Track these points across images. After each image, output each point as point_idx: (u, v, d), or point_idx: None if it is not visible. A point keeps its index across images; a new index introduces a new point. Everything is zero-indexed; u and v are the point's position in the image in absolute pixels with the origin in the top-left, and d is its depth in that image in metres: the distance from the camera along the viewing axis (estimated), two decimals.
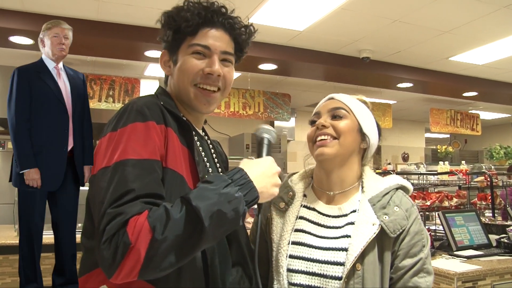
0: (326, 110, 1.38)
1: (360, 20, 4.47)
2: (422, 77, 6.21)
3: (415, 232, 1.24)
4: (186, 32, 1.18)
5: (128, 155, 0.98)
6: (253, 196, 1.00)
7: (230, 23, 1.21)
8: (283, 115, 6.68)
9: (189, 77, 1.17)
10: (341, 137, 1.31)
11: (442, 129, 7.96)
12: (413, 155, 10.08)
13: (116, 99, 5.56)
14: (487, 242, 3.00)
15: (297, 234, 1.32)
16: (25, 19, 4.21)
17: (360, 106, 1.40)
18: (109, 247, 0.87)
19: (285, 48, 5.30)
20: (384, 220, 1.22)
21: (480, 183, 3.86)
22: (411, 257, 1.22)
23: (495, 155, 7.87)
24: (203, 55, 1.17)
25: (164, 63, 1.25)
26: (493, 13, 4.17)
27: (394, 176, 1.40)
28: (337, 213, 1.33)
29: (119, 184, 0.94)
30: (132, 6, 4.14)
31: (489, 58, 5.65)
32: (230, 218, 0.93)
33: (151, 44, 4.73)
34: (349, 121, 1.34)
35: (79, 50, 4.91)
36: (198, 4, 1.20)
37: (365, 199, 1.30)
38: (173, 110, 1.13)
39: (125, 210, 0.90)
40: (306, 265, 1.25)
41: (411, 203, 1.30)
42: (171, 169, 1.04)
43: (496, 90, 6.91)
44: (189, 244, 0.90)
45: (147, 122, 1.03)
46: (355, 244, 1.20)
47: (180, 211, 0.90)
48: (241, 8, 1.25)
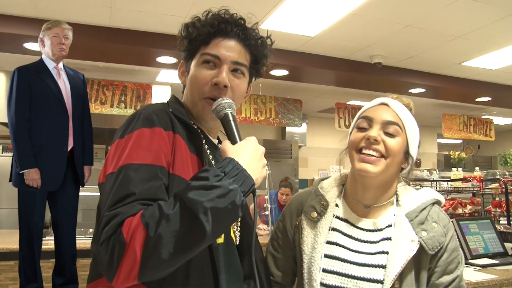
0: (380, 120, 1.27)
1: (371, 26, 4.45)
2: (435, 82, 6.17)
3: (452, 249, 1.22)
4: (198, 41, 1.17)
5: (132, 159, 0.97)
6: (249, 184, 0.96)
7: (244, 34, 1.19)
8: (294, 121, 6.67)
9: (198, 89, 1.16)
10: (389, 158, 1.23)
11: (454, 134, 7.89)
12: (426, 161, 9.99)
13: (128, 104, 5.59)
14: (503, 251, 2.95)
15: (330, 246, 1.27)
16: (39, 25, 4.24)
17: (412, 121, 1.31)
18: (107, 249, 0.86)
19: (296, 54, 5.30)
20: (422, 237, 1.19)
21: (494, 190, 3.81)
22: (448, 274, 1.21)
23: (510, 161, 7.77)
24: (214, 65, 1.16)
25: (182, 73, 1.26)
26: (506, 18, 4.13)
27: (429, 189, 1.35)
28: (372, 227, 1.28)
29: (119, 187, 0.93)
30: (144, 13, 4.17)
31: (503, 63, 5.60)
32: (227, 211, 0.90)
33: (163, 50, 4.76)
34: (401, 141, 1.26)
35: (92, 56, 4.97)
36: (215, 15, 1.18)
37: (401, 213, 1.26)
38: (183, 118, 1.12)
39: (122, 211, 0.89)
40: (341, 281, 1.21)
41: (447, 219, 1.27)
42: (178, 176, 1.03)
43: (510, 94, 6.84)
44: (188, 240, 0.87)
45: (153, 128, 1.02)
46: (394, 262, 1.17)
47: (173, 207, 0.87)
48: (253, 14, 1.24)
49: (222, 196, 0.89)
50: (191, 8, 3.97)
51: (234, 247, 1.19)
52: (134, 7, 4.06)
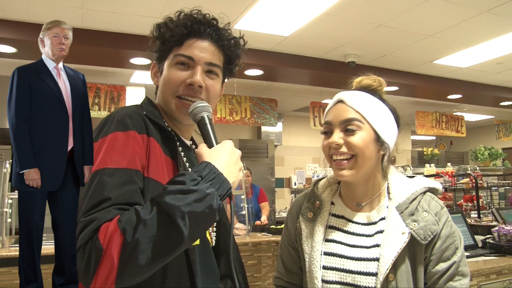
0: (338, 121, 1.26)
1: (345, 25, 4.50)
2: (408, 81, 6.27)
3: (447, 236, 1.21)
4: (171, 42, 1.16)
5: (106, 164, 0.96)
6: (226, 188, 0.96)
7: (218, 34, 1.18)
8: (270, 120, 6.69)
9: (171, 88, 1.15)
10: (358, 155, 1.22)
11: (427, 131, 8.04)
12: (400, 158, 10.15)
13: (102, 107, 5.52)
14: (473, 243, 3.03)
15: (328, 244, 1.29)
16: (8, 27, 4.17)
17: (375, 107, 1.28)
18: (83, 256, 0.85)
19: (271, 54, 5.32)
20: (413, 228, 1.19)
21: (465, 184, 3.90)
22: (444, 262, 1.19)
23: (480, 156, 7.94)
24: (187, 66, 1.16)
25: (154, 74, 1.24)
26: (475, 17, 4.24)
27: (420, 178, 1.34)
28: (366, 220, 1.29)
29: (94, 193, 0.92)
30: (117, 14, 4.13)
31: (473, 61, 5.74)
32: (204, 215, 0.90)
33: (137, 51, 4.72)
34: (364, 134, 1.23)
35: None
36: (187, 16, 1.18)
37: (392, 206, 1.26)
38: (156, 120, 1.11)
39: (98, 216, 0.88)
40: (340, 276, 1.23)
41: (440, 205, 1.26)
42: (153, 179, 1.02)
43: (479, 92, 7.02)
44: (165, 245, 0.86)
45: (127, 132, 1.01)
46: (385, 255, 1.17)
47: (150, 212, 0.86)
48: (226, 14, 1.23)
49: (199, 200, 0.89)
50: (164, 9, 3.95)
51: (210, 248, 1.19)
52: (106, 8, 4.01)
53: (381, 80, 1.34)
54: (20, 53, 4.60)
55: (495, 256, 2.83)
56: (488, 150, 7.91)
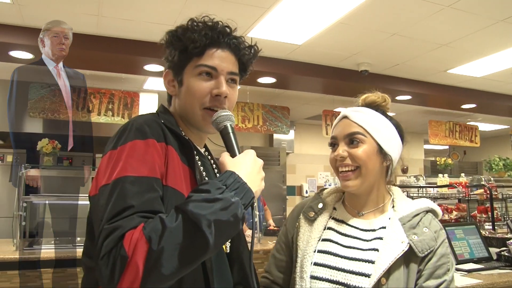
0: (342, 136, 1.35)
1: (358, 34, 4.49)
2: (421, 90, 6.24)
3: (442, 254, 1.25)
4: (193, 53, 1.17)
5: (127, 172, 0.97)
6: (249, 197, 0.98)
7: (235, 44, 1.21)
8: (282, 128, 6.68)
9: (198, 101, 1.17)
10: (362, 166, 1.31)
11: (441, 141, 7.96)
12: (412, 167, 10.06)
13: (115, 112, 5.56)
14: (488, 256, 2.98)
15: (324, 243, 1.34)
16: (25, 34, 4.23)
17: (377, 122, 1.36)
18: (107, 263, 0.86)
19: (283, 62, 5.33)
20: (413, 239, 1.24)
21: (479, 195, 3.85)
22: (435, 279, 1.23)
23: (494, 166, 7.86)
24: (210, 76, 1.17)
25: (168, 82, 1.24)
26: (490, 26, 4.20)
27: (424, 199, 1.41)
28: (366, 227, 1.35)
29: (117, 200, 0.93)
30: (131, 21, 4.17)
31: (487, 71, 5.68)
32: (229, 224, 0.92)
33: (150, 58, 4.76)
34: (367, 146, 1.32)
35: (78, 64, 4.92)
36: (203, 24, 1.18)
37: (395, 217, 1.32)
38: (174, 129, 1.13)
39: (122, 224, 0.89)
40: (331, 273, 1.26)
41: (439, 226, 1.32)
42: (171, 187, 1.03)
43: (494, 101, 6.94)
44: (190, 253, 0.88)
45: (147, 140, 1.02)
46: (383, 258, 1.22)
47: (175, 220, 0.87)
48: (240, 22, 1.25)
49: (224, 209, 0.91)
50: (179, 16, 3.98)
51: (224, 255, 1.20)
52: (121, 16, 4.06)
53: (385, 96, 1.45)
54: (36, 59, 4.66)
55: (511, 269, 2.78)
56: (503, 161, 7.82)
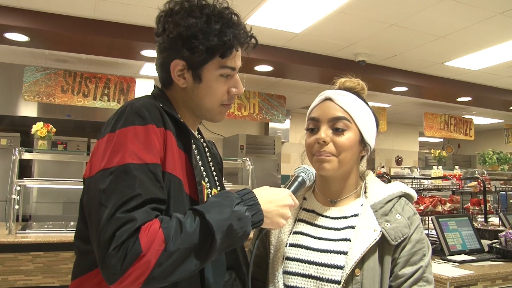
0: (326, 118, 1.28)
1: (357, 24, 4.48)
2: (417, 81, 6.24)
3: (417, 241, 1.22)
4: (224, 55, 1.14)
5: (130, 159, 0.97)
6: (259, 218, 1.03)
7: (251, 45, 1.23)
8: (278, 117, 6.68)
9: (220, 100, 1.20)
10: (341, 154, 1.26)
11: (435, 133, 8.00)
12: (407, 159, 10.12)
13: (111, 97, 5.53)
14: (480, 247, 3.01)
15: (295, 236, 1.31)
16: (21, 16, 4.18)
17: (361, 109, 1.31)
18: (118, 254, 0.87)
19: (281, 50, 5.31)
20: (385, 227, 1.20)
21: (473, 188, 3.88)
22: (411, 265, 1.20)
23: (488, 160, 7.90)
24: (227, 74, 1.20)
25: (177, 73, 1.16)
26: (488, 19, 4.20)
27: (398, 183, 1.37)
28: (337, 214, 1.31)
29: (124, 188, 0.93)
30: (129, 5, 4.13)
31: (484, 64, 5.69)
32: (238, 235, 0.97)
33: (148, 43, 4.72)
34: (352, 135, 1.27)
35: (74, 48, 4.90)
36: (228, 22, 1.14)
37: (367, 204, 1.28)
38: (172, 113, 1.12)
39: (136, 216, 0.90)
40: (303, 267, 1.23)
41: (413, 211, 1.28)
42: (169, 173, 1.04)
43: (489, 95, 6.97)
44: (198, 256, 0.92)
45: (147, 126, 1.02)
46: (355, 249, 1.18)
47: (193, 224, 0.93)
48: (238, 9, 1.22)
49: (238, 219, 0.97)
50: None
51: None
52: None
53: (363, 84, 1.38)
54: (32, 42, 4.61)
55: (502, 261, 2.81)
56: (497, 155, 7.87)
